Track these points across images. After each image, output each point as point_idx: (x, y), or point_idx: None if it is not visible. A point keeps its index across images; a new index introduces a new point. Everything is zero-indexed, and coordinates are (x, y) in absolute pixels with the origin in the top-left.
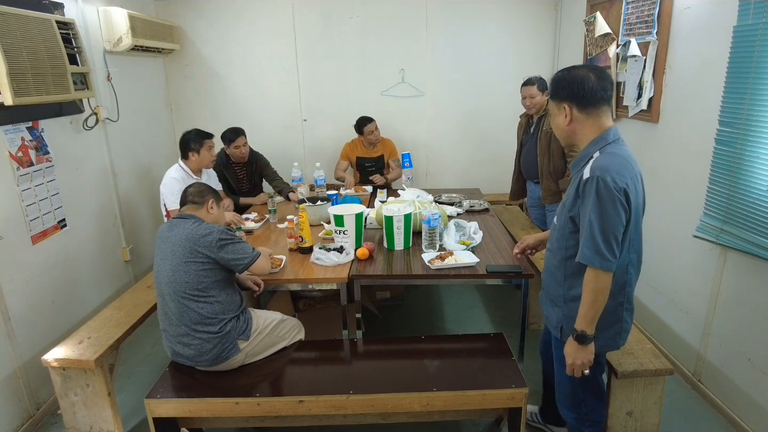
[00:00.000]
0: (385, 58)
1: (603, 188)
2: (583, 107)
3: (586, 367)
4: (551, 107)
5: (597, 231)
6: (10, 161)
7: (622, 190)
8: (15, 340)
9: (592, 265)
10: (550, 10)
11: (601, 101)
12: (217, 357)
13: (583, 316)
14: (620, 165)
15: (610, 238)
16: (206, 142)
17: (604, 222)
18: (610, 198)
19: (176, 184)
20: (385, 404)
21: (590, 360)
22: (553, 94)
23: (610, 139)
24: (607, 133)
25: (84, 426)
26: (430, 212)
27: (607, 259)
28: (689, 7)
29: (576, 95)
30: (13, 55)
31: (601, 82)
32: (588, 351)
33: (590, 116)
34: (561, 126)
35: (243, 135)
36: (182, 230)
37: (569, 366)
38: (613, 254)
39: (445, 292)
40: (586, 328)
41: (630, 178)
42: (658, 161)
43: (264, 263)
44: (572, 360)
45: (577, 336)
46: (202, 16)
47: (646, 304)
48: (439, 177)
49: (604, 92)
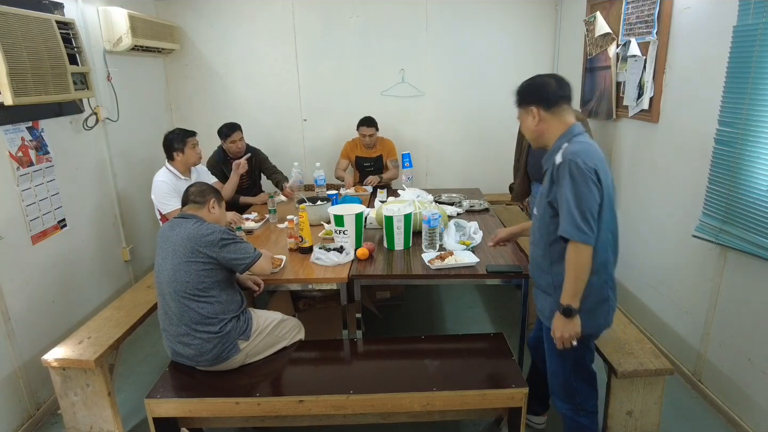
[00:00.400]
0: (385, 58)
1: (575, 169)
2: (548, 108)
3: (573, 339)
4: (520, 114)
5: (573, 207)
6: (10, 161)
7: (593, 170)
8: (15, 340)
9: (572, 238)
10: (550, 10)
11: (563, 101)
12: (218, 357)
13: (567, 291)
14: (588, 150)
15: (586, 214)
16: (189, 140)
17: (580, 199)
18: (582, 178)
19: (165, 187)
20: (385, 404)
21: (577, 332)
22: (520, 101)
23: (576, 132)
24: (572, 127)
25: (84, 426)
26: (430, 212)
27: (585, 232)
28: (689, 7)
29: (542, 98)
30: (13, 55)
31: (560, 85)
32: (574, 324)
33: (555, 115)
34: (531, 128)
35: (239, 130)
36: (184, 230)
37: (558, 340)
38: (591, 228)
39: (445, 292)
40: (572, 302)
41: (598, 161)
42: (657, 161)
43: (265, 264)
44: (560, 333)
45: (563, 310)
46: (202, 16)
47: (646, 304)
48: (439, 177)
49: (564, 93)
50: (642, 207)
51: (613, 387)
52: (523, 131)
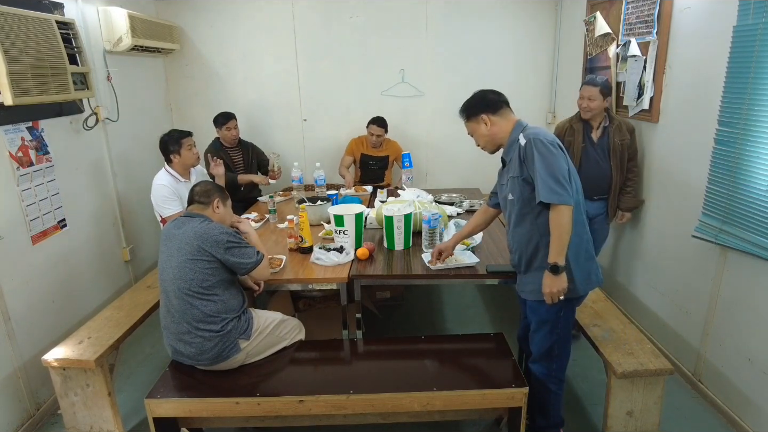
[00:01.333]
0: (385, 58)
1: (540, 144)
2: (495, 112)
3: (561, 294)
4: (471, 128)
5: (546, 175)
6: (10, 161)
7: (554, 141)
8: (15, 340)
9: (551, 201)
10: (550, 10)
11: (504, 104)
12: (218, 356)
13: (553, 250)
14: (545, 131)
15: (559, 178)
16: (184, 141)
17: (550, 167)
18: (546, 149)
19: (165, 191)
20: (385, 404)
21: (564, 288)
22: (469, 115)
23: (525, 123)
24: (520, 121)
25: (84, 426)
26: (430, 212)
27: (560, 193)
28: (689, 7)
29: (487, 105)
30: (13, 55)
31: (497, 93)
32: (562, 279)
33: (502, 117)
34: (485, 134)
35: (234, 118)
36: (190, 228)
37: (547, 295)
38: (565, 190)
39: (445, 292)
40: (557, 259)
41: (555, 138)
42: (657, 161)
43: (265, 268)
44: (549, 289)
45: (551, 267)
46: (202, 16)
47: (646, 304)
48: (439, 177)
49: (502, 98)
50: (642, 207)
51: (613, 387)
52: (477, 141)
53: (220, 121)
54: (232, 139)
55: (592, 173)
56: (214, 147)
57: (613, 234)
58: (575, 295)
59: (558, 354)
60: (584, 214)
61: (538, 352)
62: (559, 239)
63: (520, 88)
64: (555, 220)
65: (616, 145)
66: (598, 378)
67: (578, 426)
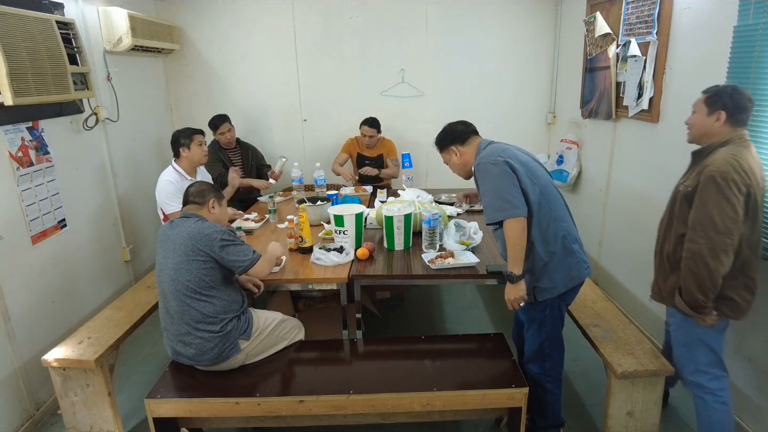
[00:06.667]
0: (385, 58)
1: (481, 167)
2: (463, 143)
3: (520, 301)
4: (444, 159)
5: (489, 197)
6: (10, 161)
7: (501, 162)
8: (15, 340)
9: (495, 219)
10: (550, 10)
11: (472, 134)
12: (218, 356)
13: (509, 261)
14: (493, 150)
15: (504, 195)
16: (196, 137)
17: (492, 188)
18: (487, 171)
19: (171, 188)
20: (385, 404)
21: (523, 296)
22: (441, 147)
23: (482, 146)
24: (479, 144)
25: (84, 426)
26: (430, 212)
27: (505, 209)
28: (689, 7)
29: (455, 138)
30: (13, 55)
31: (465, 124)
32: (519, 288)
33: (470, 146)
34: (457, 163)
35: (228, 121)
36: (184, 229)
37: (507, 302)
38: (509, 203)
39: (445, 292)
40: (513, 269)
41: (508, 157)
42: (658, 161)
43: (263, 267)
44: (507, 296)
45: (507, 276)
46: (202, 16)
47: (646, 304)
48: (439, 177)
49: (470, 129)
50: (642, 207)
51: (613, 387)
52: (452, 169)
53: (214, 125)
54: (228, 141)
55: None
56: (212, 148)
57: (613, 234)
58: (556, 293)
59: (550, 353)
60: (565, 209)
61: (530, 350)
62: (512, 250)
63: (520, 88)
64: (506, 233)
65: (680, 194)
66: (598, 378)
67: (578, 426)
